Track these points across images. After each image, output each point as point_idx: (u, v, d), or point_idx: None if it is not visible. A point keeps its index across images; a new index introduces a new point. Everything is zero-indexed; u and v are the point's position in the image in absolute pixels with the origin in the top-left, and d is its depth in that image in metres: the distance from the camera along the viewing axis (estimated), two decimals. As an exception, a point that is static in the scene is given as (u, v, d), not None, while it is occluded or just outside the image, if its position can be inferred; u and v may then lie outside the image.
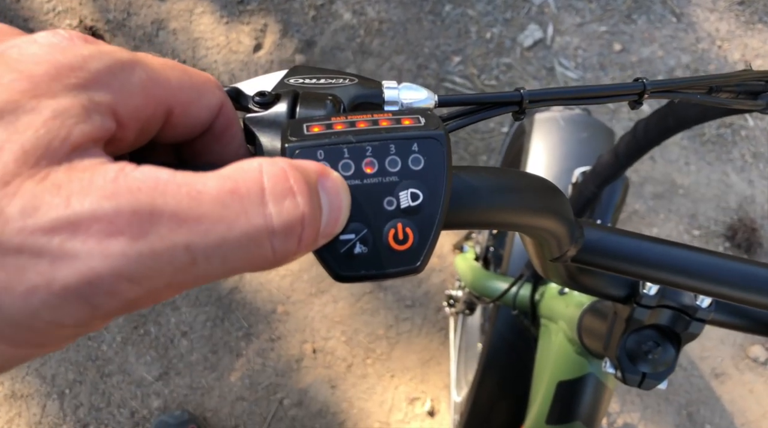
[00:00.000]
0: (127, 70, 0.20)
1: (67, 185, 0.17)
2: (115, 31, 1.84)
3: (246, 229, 0.18)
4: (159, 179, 0.18)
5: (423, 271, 0.24)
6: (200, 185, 0.18)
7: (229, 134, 0.25)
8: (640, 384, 0.52)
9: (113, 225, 0.16)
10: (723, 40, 1.92)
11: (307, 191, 0.19)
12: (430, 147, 0.23)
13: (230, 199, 0.18)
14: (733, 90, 0.38)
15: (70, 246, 0.16)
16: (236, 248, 0.18)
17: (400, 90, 0.31)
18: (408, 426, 1.53)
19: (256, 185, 0.19)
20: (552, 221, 0.30)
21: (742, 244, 1.69)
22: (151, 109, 0.21)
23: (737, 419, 1.57)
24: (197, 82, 0.23)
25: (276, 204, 0.19)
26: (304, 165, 0.21)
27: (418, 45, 1.87)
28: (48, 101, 0.17)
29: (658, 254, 0.37)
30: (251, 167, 0.19)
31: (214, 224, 0.18)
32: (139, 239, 0.17)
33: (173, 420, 1.45)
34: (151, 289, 0.17)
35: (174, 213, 0.17)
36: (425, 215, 0.23)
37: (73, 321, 0.17)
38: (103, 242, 0.16)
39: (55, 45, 0.19)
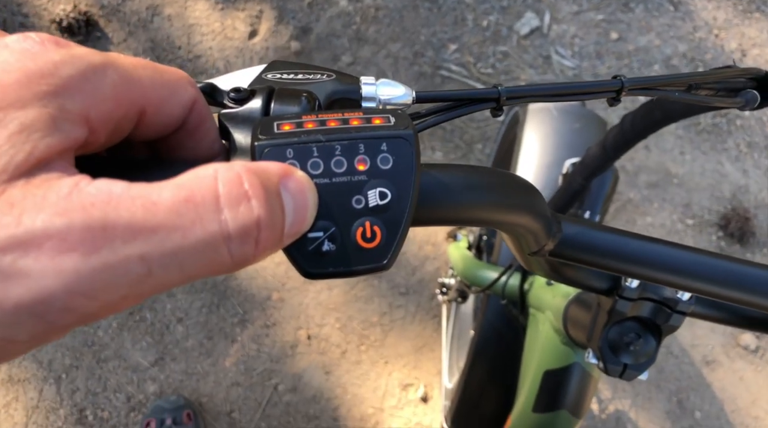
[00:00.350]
0: (99, 73, 0.20)
1: (21, 203, 0.17)
2: (109, 17, 1.83)
3: (201, 236, 0.18)
4: (112, 193, 0.18)
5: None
6: (155, 196, 0.18)
7: (203, 130, 0.25)
8: (622, 374, 0.53)
9: (65, 242, 0.16)
10: (720, 29, 1.91)
11: (263, 195, 0.20)
12: (399, 147, 0.24)
13: (185, 207, 0.18)
14: (713, 87, 0.38)
15: (22, 264, 0.16)
16: (192, 255, 0.18)
17: (377, 86, 0.31)
18: (401, 412, 1.54)
19: (211, 192, 0.19)
20: (525, 217, 0.31)
21: (735, 233, 1.70)
22: (123, 111, 0.21)
23: (727, 406, 1.59)
24: (169, 80, 0.23)
25: (231, 210, 0.19)
26: (264, 167, 0.21)
27: (415, 32, 1.86)
28: (15, 113, 0.17)
29: (636, 250, 0.37)
30: (206, 174, 0.19)
31: (169, 233, 0.18)
32: (92, 254, 0.17)
33: (169, 405, 1.46)
34: (107, 302, 0.17)
35: (128, 225, 0.17)
36: (393, 214, 0.24)
37: (27, 336, 0.17)
38: (55, 259, 0.16)
39: (26, 51, 0.19)
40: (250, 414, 1.52)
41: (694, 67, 1.87)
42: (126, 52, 1.80)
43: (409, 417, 1.54)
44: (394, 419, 1.54)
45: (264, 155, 0.23)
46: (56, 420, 1.49)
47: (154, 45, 1.82)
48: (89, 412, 1.51)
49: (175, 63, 1.80)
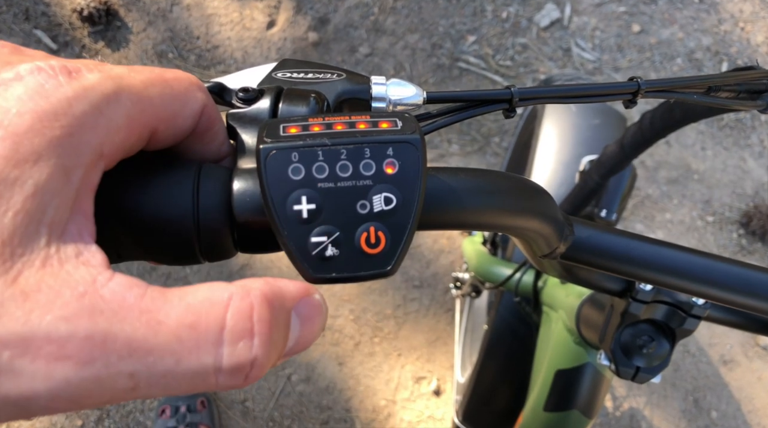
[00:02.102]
0: (112, 104, 0.20)
1: (34, 296, 0.17)
2: (129, 6, 1.83)
3: (193, 366, 0.18)
4: (124, 302, 0.18)
5: (395, 273, 0.24)
6: (162, 315, 0.18)
7: (211, 133, 0.25)
8: (634, 377, 0.52)
9: (63, 350, 0.17)
10: (746, 22, 1.87)
11: (267, 333, 0.19)
12: (405, 151, 0.23)
13: (187, 334, 0.18)
14: (734, 89, 0.37)
15: (17, 363, 0.16)
16: (180, 380, 0.18)
17: (387, 86, 0.31)
18: (414, 405, 1.55)
19: (217, 322, 0.19)
20: (534, 222, 0.30)
21: (757, 231, 1.67)
22: (136, 136, 0.21)
23: (744, 406, 1.57)
24: (179, 92, 0.23)
25: (230, 345, 0.19)
26: (282, 292, 0.20)
27: (433, 24, 1.85)
28: (30, 171, 0.17)
29: (649, 255, 0.36)
30: (220, 299, 0.19)
31: (163, 357, 0.18)
32: (85, 366, 0.17)
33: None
34: (86, 405, 0.18)
35: (127, 341, 0.17)
36: (398, 220, 0.23)
37: (5, 417, 0.17)
38: (49, 365, 0.17)
39: (39, 87, 0.19)
40: (264, 403, 1.54)
41: (718, 61, 1.83)
42: (145, 41, 1.81)
43: (422, 410, 1.54)
44: (406, 411, 1.54)
45: (269, 159, 0.23)
46: (74, 405, 1.52)
47: (173, 35, 1.82)
48: (106, 398, 1.53)
49: (193, 53, 1.81)
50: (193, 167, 0.24)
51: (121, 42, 1.81)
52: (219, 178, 0.24)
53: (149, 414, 1.52)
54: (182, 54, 1.81)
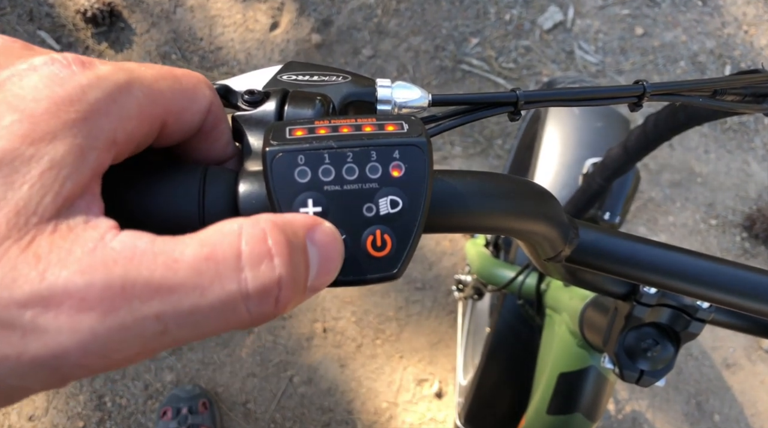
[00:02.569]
0: (124, 93, 0.20)
1: (47, 257, 0.17)
2: (133, 8, 1.84)
3: (219, 295, 0.18)
4: (136, 250, 0.18)
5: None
6: (177, 253, 0.18)
7: (217, 132, 0.25)
8: (638, 380, 0.52)
9: (85, 301, 0.17)
10: (750, 25, 1.86)
11: (287, 252, 0.19)
12: (411, 154, 0.23)
13: (205, 266, 0.18)
14: (740, 93, 0.37)
15: (41, 321, 0.16)
16: (209, 314, 0.18)
17: (393, 89, 0.31)
18: (415, 407, 1.55)
19: (233, 250, 0.19)
20: (539, 225, 0.30)
21: (760, 235, 1.66)
22: (147, 127, 0.21)
23: (747, 409, 1.57)
24: (188, 87, 0.23)
25: (252, 268, 0.19)
26: (290, 220, 0.20)
27: (436, 26, 1.85)
28: (46, 148, 0.18)
29: (655, 258, 0.36)
30: (231, 230, 0.19)
31: (188, 293, 0.18)
32: (109, 314, 0.17)
33: (185, 394, 1.48)
34: (119, 359, 0.18)
35: (147, 284, 0.17)
36: (404, 223, 0.23)
37: (40, 385, 0.17)
38: (73, 318, 0.17)
39: (54, 75, 0.19)
40: (265, 404, 1.53)
41: (721, 64, 1.83)
42: (149, 43, 1.81)
43: (423, 412, 1.54)
44: (408, 414, 1.54)
45: (275, 162, 0.23)
46: (76, 406, 1.52)
47: (177, 36, 1.83)
48: (108, 399, 1.53)
49: (196, 55, 1.81)
50: (199, 170, 0.24)
51: (125, 43, 1.82)
52: (225, 180, 0.24)
53: (151, 415, 1.52)
54: (186, 55, 1.81)
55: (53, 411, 1.51)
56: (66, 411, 1.51)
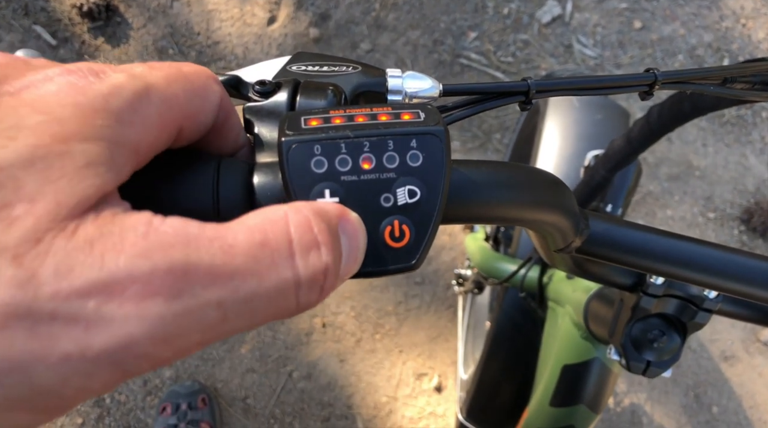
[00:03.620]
0: (144, 102, 0.19)
1: (99, 241, 0.16)
2: (129, 2, 1.83)
3: (276, 282, 0.18)
4: (189, 234, 0.17)
5: (420, 267, 0.23)
6: (231, 238, 0.18)
7: (228, 126, 0.25)
8: (645, 371, 0.52)
9: (149, 286, 0.16)
10: (748, 18, 1.87)
11: (331, 242, 0.19)
12: (429, 143, 0.23)
13: (261, 252, 0.18)
14: (749, 81, 0.37)
15: (105, 310, 0.15)
16: (265, 301, 0.18)
17: (404, 79, 0.31)
18: (415, 401, 1.55)
19: (284, 237, 0.18)
20: (554, 215, 0.30)
21: (758, 228, 1.67)
22: (166, 134, 0.21)
23: (745, 401, 1.57)
24: (198, 86, 0.22)
25: (303, 257, 0.18)
26: (326, 209, 0.20)
27: (434, 20, 1.84)
28: (79, 146, 0.17)
29: (665, 247, 0.36)
30: (278, 217, 0.19)
31: (245, 280, 0.17)
32: (175, 299, 0.16)
33: (184, 390, 1.48)
34: (180, 348, 0.17)
35: (209, 269, 0.17)
36: (422, 213, 0.23)
37: (101, 386, 0.16)
38: (140, 305, 0.16)
39: (73, 85, 0.18)
40: (265, 400, 1.53)
41: (719, 58, 1.83)
42: (146, 38, 1.80)
43: (423, 406, 1.54)
44: (407, 408, 1.54)
45: (291, 152, 0.22)
46: (75, 402, 1.52)
47: (173, 31, 1.82)
48: (106, 395, 1.53)
49: (193, 49, 1.80)
50: (212, 161, 0.24)
51: (121, 38, 1.80)
52: (238, 171, 0.24)
53: (150, 412, 1.51)
54: (183, 50, 1.80)
55: (52, 408, 1.51)
56: (65, 408, 1.51)
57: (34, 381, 0.15)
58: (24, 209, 0.15)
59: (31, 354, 0.15)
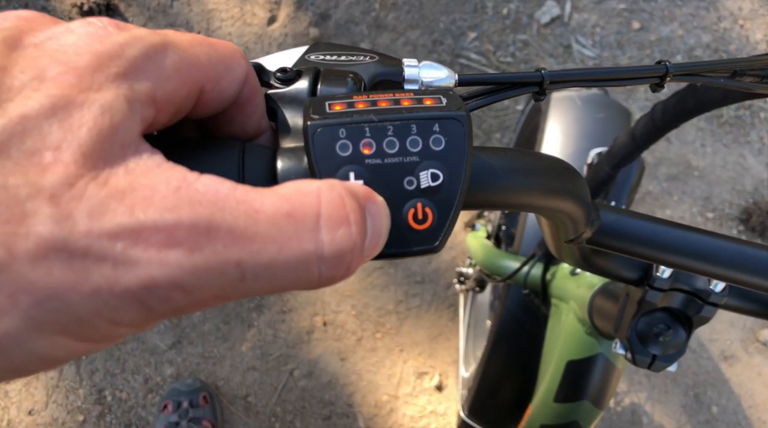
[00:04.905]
0: (160, 53, 0.20)
1: (131, 193, 0.17)
2: (129, 1, 1.83)
3: (297, 253, 0.18)
4: (219, 193, 0.18)
5: (441, 249, 0.24)
6: (258, 204, 0.18)
7: (253, 105, 0.25)
8: (650, 365, 0.53)
9: (172, 237, 0.17)
10: (746, 20, 1.88)
11: (361, 220, 0.20)
12: (451, 128, 0.23)
13: (285, 221, 0.18)
14: (758, 74, 0.37)
15: (131, 253, 0.17)
16: (284, 269, 0.18)
17: (420, 68, 0.31)
18: (416, 400, 1.55)
19: (313, 210, 0.19)
20: (570, 203, 0.30)
21: (757, 228, 1.68)
22: (185, 90, 0.21)
23: (744, 401, 1.58)
24: (224, 55, 0.23)
25: (329, 231, 0.19)
26: (356, 189, 0.21)
27: (434, 20, 1.85)
28: (95, 95, 0.18)
29: (675, 238, 0.37)
30: (310, 190, 0.19)
31: (266, 245, 0.18)
32: (195, 251, 0.17)
33: (185, 388, 1.48)
34: (200, 298, 0.18)
35: (230, 230, 0.18)
36: (445, 196, 0.23)
37: (128, 320, 0.18)
38: (162, 252, 0.17)
39: (91, 34, 0.19)
40: (266, 398, 1.53)
41: (717, 59, 1.84)
42: (146, 37, 1.80)
43: (424, 405, 1.55)
44: (408, 407, 1.54)
45: (317, 135, 0.23)
46: (75, 400, 1.51)
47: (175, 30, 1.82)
48: (108, 392, 1.53)
49: (194, 48, 1.80)
50: (237, 145, 0.24)
51: (122, 37, 1.80)
52: (263, 155, 0.24)
53: (151, 409, 1.51)
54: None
55: (53, 405, 1.50)
56: (66, 405, 1.51)
57: (71, 309, 0.17)
58: (53, 157, 0.17)
59: (67, 283, 0.16)
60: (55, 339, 0.17)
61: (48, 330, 0.17)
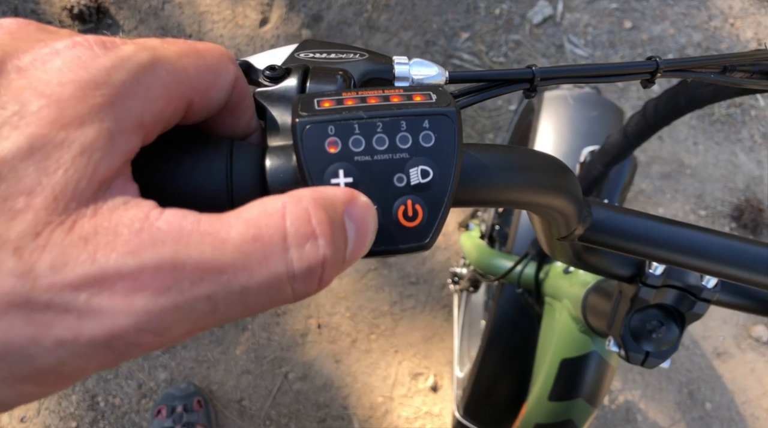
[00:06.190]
0: (149, 74, 0.20)
1: (93, 239, 0.17)
2: (120, 4, 1.82)
3: (267, 277, 0.18)
4: (183, 229, 0.18)
5: (432, 246, 0.24)
6: (224, 233, 0.18)
7: (242, 108, 0.25)
8: (643, 362, 0.53)
9: (137, 282, 0.17)
10: (736, 18, 1.89)
11: (329, 233, 0.19)
12: (441, 124, 0.23)
13: (252, 247, 0.18)
14: (747, 70, 0.37)
15: (96, 302, 0.17)
16: (257, 294, 0.18)
17: (410, 66, 0.31)
18: (411, 401, 1.55)
19: (279, 231, 0.19)
20: (561, 200, 0.30)
21: (749, 224, 1.68)
22: (173, 107, 0.21)
23: (738, 397, 1.59)
24: (212, 63, 0.22)
25: (297, 249, 0.19)
26: (331, 196, 0.20)
27: (426, 20, 1.85)
28: (75, 133, 0.17)
29: (666, 234, 0.37)
30: (275, 210, 0.19)
31: (236, 274, 0.18)
32: (161, 294, 0.17)
33: (179, 393, 1.47)
34: (172, 337, 0.18)
35: (196, 265, 0.17)
36: (435, 192, 0.23)
37: (96, 366, 0.18)
38: (127, 299, 0.17)
39: (77, 59, 0.19)
40: (261, 401, 1.53)
41: (708, 57, 1.85)
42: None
43: (419, 406, 1.54)
44: (403, 408, 1.54)
45: (305, 133, 0.22)
46: (68, 406, 1.50)
47: (165, 32, 1.81)
48: (101, 398, 1.52)
49: (185, 51, 1.80)
50: (225, 145, 0.24)
51: (113, 40, 1.80)
52: (251, 154, 0.24)
53: (145, 415, 1.51)
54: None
55: (45, 412, 1.49)
56: (58, 412, 1.50)
57: (33, 362, 0.17)
58: (24, 203, 0.17)
59: (28, 338, 0.16)
60: (14, 388, 0.17)
61: (8, 381, 0.17)
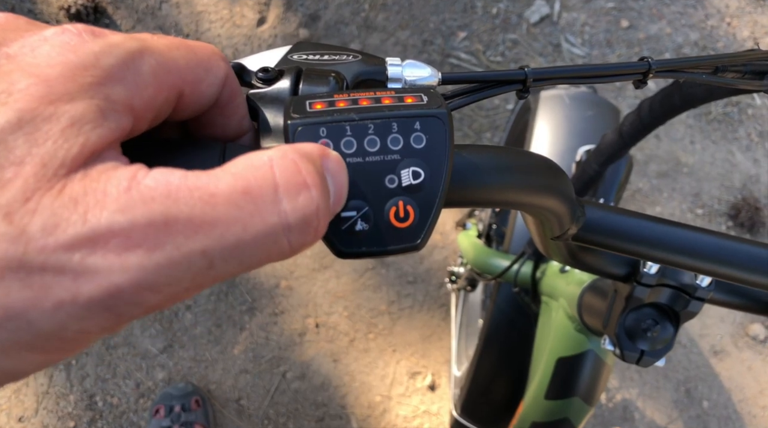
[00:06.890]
0: (137, 60, 0.20)
1: (83, 199, 0.17)
2: (117, 4, 1.82)
3: (261, 228, 0.18)
4: (170, 185, 0.18)
5: (423, 248, 0.24)
6: (212, 187, 0.18)
7: (233, 106, 0.25)
8: (639, 361, 0.53)
9: (130, 239, 0.17)
10: (732, 17, 1.89)
11: (320, 182, 0.20)
12: (432, 125, 0.23)
13: (243, 199, 0.18)
14: (740, 70, 0.38)
15: (90, 262, 0.17)
16: (253, 247, 0.18)
17: (403, 67, 0.31)
18: (409, 400, 1.55)
19: (269, 182, 0.19)
20: (553, 200, 0.30)
21: (745, 223, 1.69)
22: (163, 96, 0.21)
23: (735, 395, 1.59)
24: (203, 57, 0.23)
25: (290, 200, 0.19)
26: (309, 150, 0.20)
27: (424, 20, 1.85)
28: (65, 107, 0.18)
29: (659, 234, 0.37)
30: (261, 162, 0.19)
31: (229, 227, 0.18)
32: (155, 250, 0.17)
33: (177, 392, 1.47)
34: (171, 294, 0.18)
35: (188, 220, 0.17)
36: (426, 193, 0.23)
37: (98, 328, 0.17)
38: (121, 256, 0.17)
39: (65, 44, 0.19)
40: (259, 401, 1.53)
41: (705, 56, 1.85)
42: (134, 39, 1.80)
43: (417, 405, 1.55)
44: (401, 407, 1.54)
45: (297, 134, 0.23)
46: (66, 406, 1.50)
47: (162, 32, 1.81)
48: (99, 398, 1.52)
49: (183, 50, 1.80)
50: (218, 146, 0.24)
51: (110, 40, 1.79)
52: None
53: (143, 414, 1.51)
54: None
55: (43, 412, 1.49)
56: (56, 412, 1.50)
57: (34, 326, 0.16)
58: (13, 172, 0.17)
59: (26, 302, 0.16)
60: (19, 356, 0.17)
61: (11, 349, 0.17)
